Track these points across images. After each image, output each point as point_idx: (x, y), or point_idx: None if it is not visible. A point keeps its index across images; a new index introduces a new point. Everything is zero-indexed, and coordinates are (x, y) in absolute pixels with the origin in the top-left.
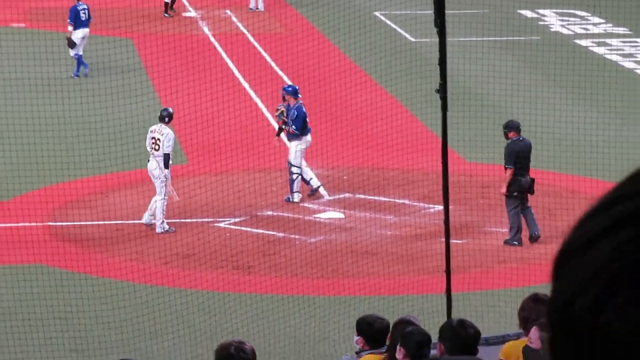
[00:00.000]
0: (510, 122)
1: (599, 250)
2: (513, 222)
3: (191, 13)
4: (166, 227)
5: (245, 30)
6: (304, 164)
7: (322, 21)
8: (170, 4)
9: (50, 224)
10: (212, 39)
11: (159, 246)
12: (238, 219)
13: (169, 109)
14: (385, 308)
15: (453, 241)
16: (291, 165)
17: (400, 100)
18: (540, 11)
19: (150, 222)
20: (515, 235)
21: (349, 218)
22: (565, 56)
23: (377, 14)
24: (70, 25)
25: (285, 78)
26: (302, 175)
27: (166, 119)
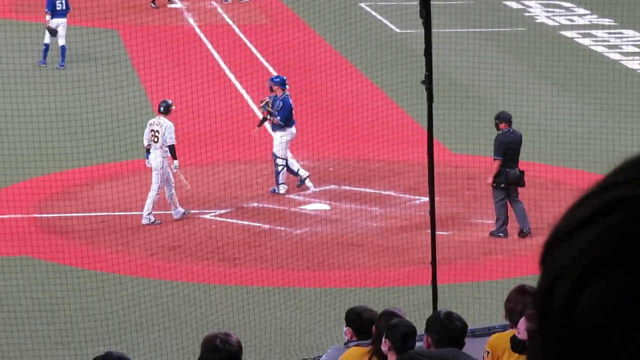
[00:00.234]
0: (502, 114)
1: (580, 237)
2: (499, 214)
3: (177, 4)
4: (152, 219)
5: (230, 22)
6: (289, 156)
7: (308, 12)
8: None
9: (36, 215)
10: (198, 30)
11: (144, 238)
12: (224, 211)
13: (167, 100)
14: (371, 300)
15: (439, 233)
16: (276, 157)
17: (386, 91)
18: (526, 2)
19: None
20: (502, 227)
21: (334, 210)
22: (551, 47)
23: (363, 4)
24: (47, 15)
25: (270, 69)
26: (289, 166)
27: (161, 109)
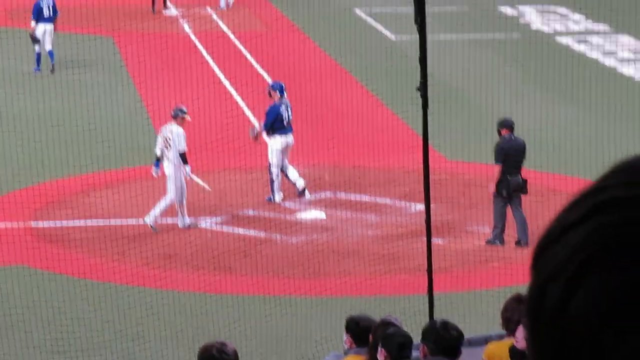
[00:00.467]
0: (504, 120)
1: (571, 238)
2: (497, 222)
3: (172, 11)
4: (153, 224)
5: (225, 28)
6: (288, 166)
7: (303, 19)
8: (164, 3)
9: (32, 224)
10: (193, 37)
11: (140, 247)
12: (219, 219)
13: (182, 108)
14: (367, 308)
15: (435, 240)
16: (270, 165)
17: (381, 98)
18: (521, 8)
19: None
20: (498, 235)
21: (330, 217)
22: (546, 54)
23: (358, 11)
24: (32, 21)
25: (266, 76)
26: (287, 175)
27: (172, 114)
